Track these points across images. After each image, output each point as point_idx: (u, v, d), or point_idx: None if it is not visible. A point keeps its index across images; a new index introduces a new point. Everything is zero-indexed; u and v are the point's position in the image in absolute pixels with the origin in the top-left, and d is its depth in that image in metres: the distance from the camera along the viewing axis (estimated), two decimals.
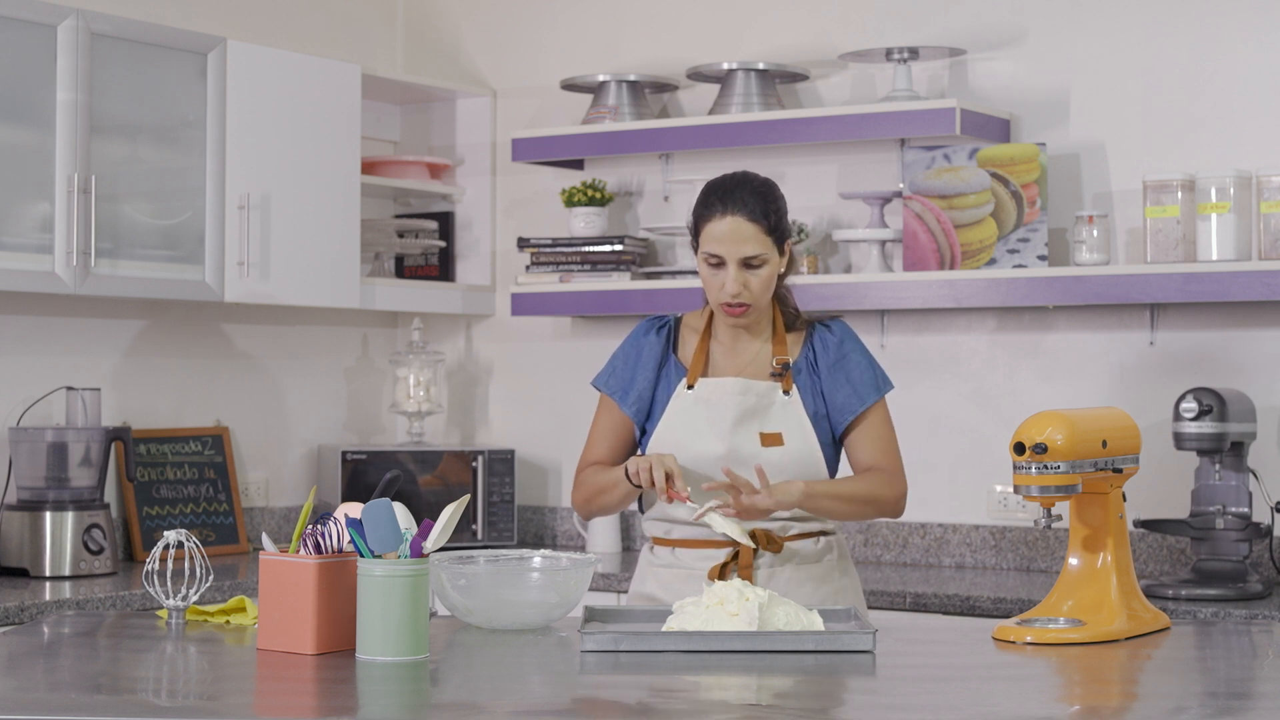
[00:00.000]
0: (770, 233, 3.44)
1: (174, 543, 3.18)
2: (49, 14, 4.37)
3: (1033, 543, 4.79)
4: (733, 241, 3.42)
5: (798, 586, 3.48)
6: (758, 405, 3.49)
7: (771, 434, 3.47)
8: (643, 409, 3.57)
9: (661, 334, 3.60)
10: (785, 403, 3.49)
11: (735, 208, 3.42)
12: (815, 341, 3.55)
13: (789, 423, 3.49)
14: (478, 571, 3.19)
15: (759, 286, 3.45)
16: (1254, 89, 4.57)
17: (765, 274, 3.45)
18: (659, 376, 3.57)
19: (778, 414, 3.49)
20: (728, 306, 3.46)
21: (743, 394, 3.49)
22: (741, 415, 3.48)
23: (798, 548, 3.50)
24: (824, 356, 3.53)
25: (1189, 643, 3.21)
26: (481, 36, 5.66)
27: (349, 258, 5.09)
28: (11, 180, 4.33)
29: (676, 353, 3.59)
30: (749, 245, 3.42)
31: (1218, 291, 4.37)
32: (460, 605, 3.17)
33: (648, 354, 3.59)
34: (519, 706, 2.64)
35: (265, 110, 4.86)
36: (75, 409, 4.65)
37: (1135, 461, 3.30)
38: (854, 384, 3.52)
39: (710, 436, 3.48)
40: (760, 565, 3.48)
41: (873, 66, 5.03)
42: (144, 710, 2.56)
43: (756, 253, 3.43)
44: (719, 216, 3.43)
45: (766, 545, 3.47)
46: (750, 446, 3.46)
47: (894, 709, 2.63)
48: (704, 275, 3.48)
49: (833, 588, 3.52)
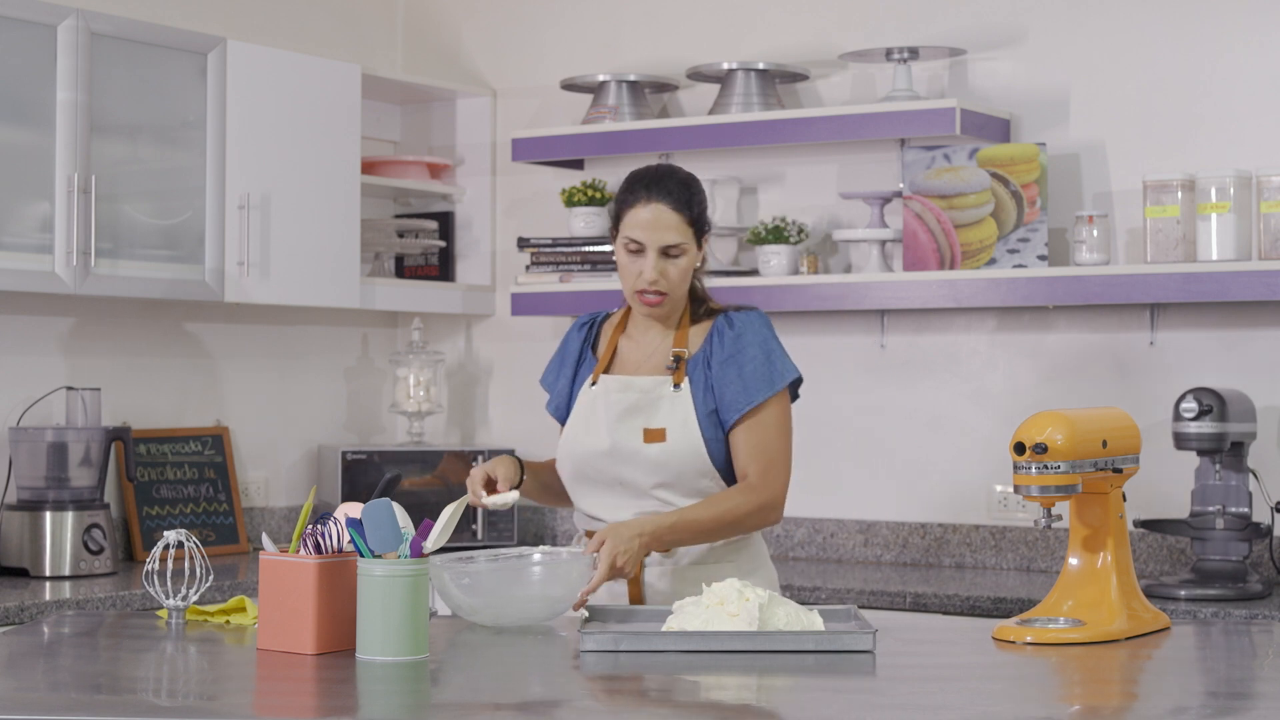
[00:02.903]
0: (691, 224, 3.47)
1: (174, 543, 3.18)
2: (49, 14, 4.37)
3: (1033, 543, 4.79)
4: (655, 229, 3.44)
5: (690, 587, 3.46)
6: (641, 401, 3.48)
7: (654, 430, 3.46)
8: (562, 405, 3.61)
9: (583, 331, 3.65)
10: (674, 397, 3.48)
11: (660, 196, 3.45)
12: (714, 334, 3.53)
13: (675, 418, 3.46)
14: (480, 570, 3.19)
15: (676, 276, 3.47)
16: (1254, 89, 4.57)
17: (683, 264, 3.47)
18: (576, 373, 3.61)
19: (665, 409, 3.47)
20: (643, 295, 3.47)
21: (624, 391, 3.49)
22: (625, 411, 3.48)
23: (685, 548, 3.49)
24: (719, 350, 3.50)
25: (1189, 643, 3.21)
26: (481, 36, 5.66)
27: (349, 258, 5.09)
28: (11, 180, 4.33)
29: (595, 349, 3.62)
30: (671, 233, 3.44)
31: (1218, 291, 4.37)
32: (465, 605, 3.17)
33: (570, 352, 3.64)
34: (519, 706, 2.64)
35: (265, 110, 4.86)
36: (75, 409, 4.65)
37: (1135, 461, 3.30)
38: (744, 379, 3.47)
39: (600, 432, 3.49)
40: (651, 562, 3.48)
41: (873, 66, 5.03)
42: (144, 710, 2.56)
43: (677, 241, 3.45)
44: (643, 203, 3.46)
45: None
46: (633, 442, 3.46)
47: (894, 709, 2.63)
48: (622, 263, 3.49)
49: None
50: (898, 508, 4.99)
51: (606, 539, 3.30)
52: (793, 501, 5.09)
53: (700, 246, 3.51)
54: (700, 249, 3.51)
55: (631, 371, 3.55)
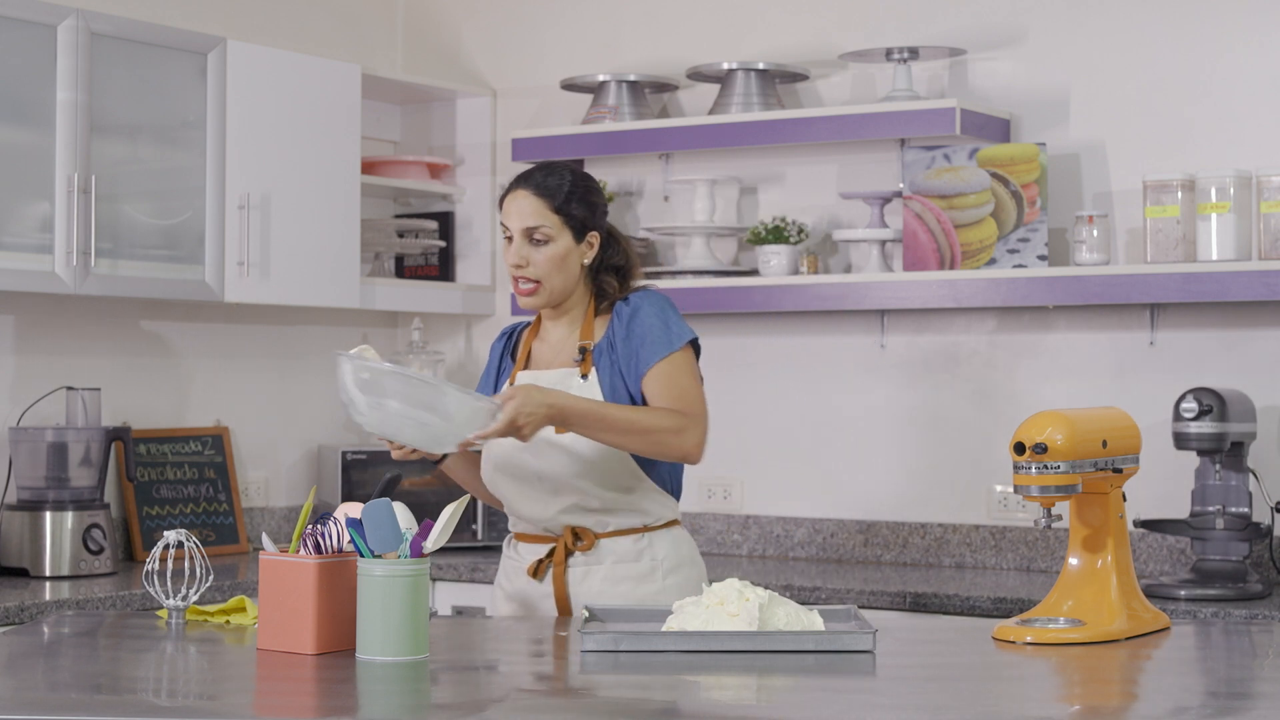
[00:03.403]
0: (556, 210, 3.51)
1: (174, 543, 3.18)
2: (49, 14, 4.37)
3: (1033, 543, 4.79)
4: (515, 215, 3.52)
5: (613, 586, 3.47)
6: None
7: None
8: None
9: (503, 340, 3.72)
10: (582, 387, 3.49)
11: (524, 184, 3.55)
12: (614, 318, 3.56)
13: None
14: (382, 370, 3.15)
15: (542, 263, 3.51)
16: (1254, 89, 4.57)
17: (549, 252, 3.50)
18: (497, 381, 3.67)
19: None
20: (516, 283, 3.54)
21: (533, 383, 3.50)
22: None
23: (614, 546, 3.50)
24: (618, 329, 3.54)
25: (1189, 643, 3.22)
26: (481, 36, 5.66)
27: (349, 258, 5.09)
28: (11, 180, 4.33)
29: (516, 352, 3.67)
30: (530, 217, 3.50)
31: (1218, 291, 4.37)
32: (356, 400, 3.16)
33: (493, 362, 3.72)
34: (519, 706, 2.64)
35: (265, 110, 4.86)
36: (75, 409, 4.65)
37: (1135, 461, 3.30)
38: (645, 346, 3.49)
39: None
40: (574, 563, 3.49)
41: (873, 66, 5.03)
42: (144, 710, 2.56)
43: (537, 224, 3.50)
44: (512, 191, 3.56)
45: (574, 543, 3.49)
46: (545, 433, 3.45)
47: (894, 709, 2.63)
48: (505, 255, 3.57)
49: (655, 588, 3.49)
50: (897, 508, 4.99)
51: (515, 396, 3.27)
52: (793, 501, 5.12)
53: (580, 240, 3.54)
54: (580, 242, 3.54)
55: (541, 368, 3.59)
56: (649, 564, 3.50)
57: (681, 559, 3.55)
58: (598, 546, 3.49)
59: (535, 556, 3.53)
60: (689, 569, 3.56)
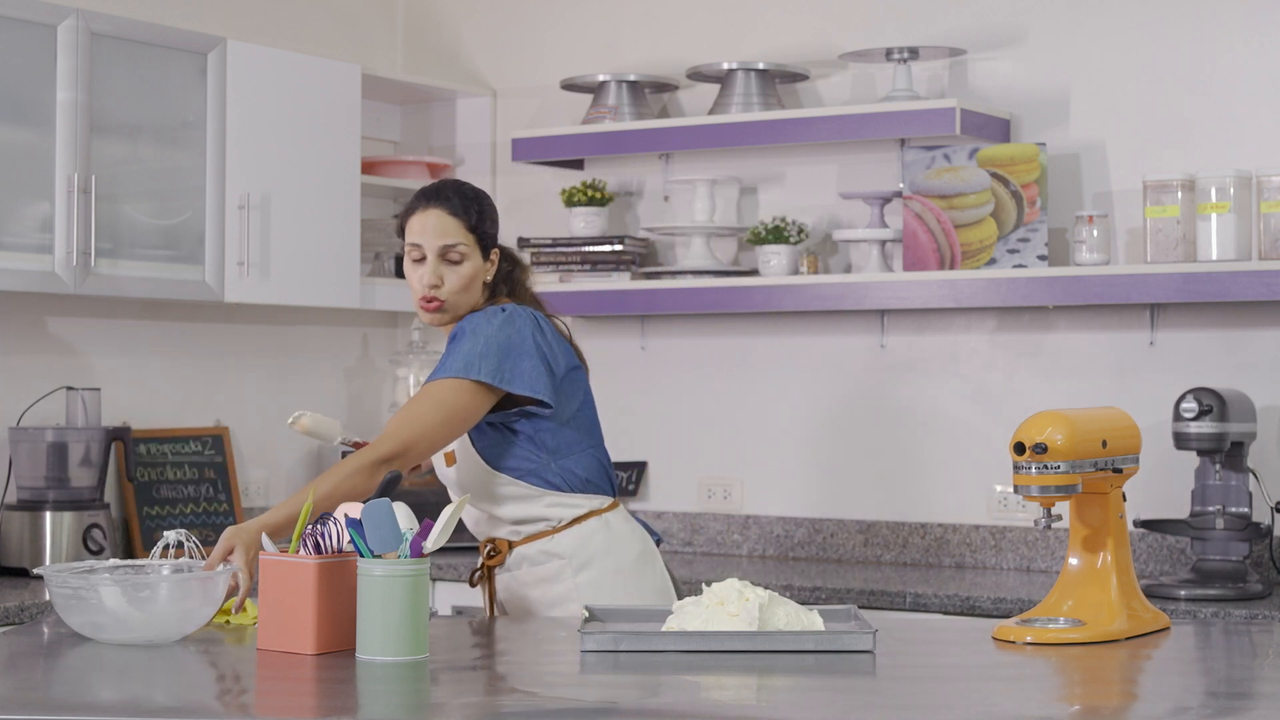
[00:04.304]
0: (471, 229, 3.48)
1: (174, 543, 3.18)
2: (49, 14, 4.37)
3: (1033, 543, 4.79)
4: (432, 233, 3.47)
5: (530, 590, 3.51)
6: None
7: (448, 452, 3.52)
8: None
9: None
10: None
11: (438, 202, 3.49)
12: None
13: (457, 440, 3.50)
14: (156, 583, 2.99)
15: (456, 283, 3.47)
16: (1254, 89, 4.57)
17: (464, 271, 3.47)
18: None
19: None
20: (424, 302, 3.49)
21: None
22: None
23: (525, 553, 3.53)
24: None
25: (1189, 643, 3.21)
26: (481, 36, 5.66)
27: (349, 258, 5.09)
28: (11, 180, 4.33)
29: None
30: (448, 236, 3.46)
31: (1218, 291, 4.37)
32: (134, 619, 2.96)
33: None
34: (519, 706, 2.64)
35: (265, 110, 4.86)
36: (75, 409, 4.65)
37: (1135, 461, 3.30)
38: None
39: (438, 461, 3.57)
40: (498, 572, 3.56)
41: (873, 66, 5.03)
42: (144, 710, 2.56)
43: (455, 242, 3.46)
44: (422, 210, 3.50)
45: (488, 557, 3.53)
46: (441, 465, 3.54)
47: (894, 709, 2.63)
48: (408, 275, 3.51)
49: (566, 587, 3.49)
50: (898, 508, 4.99)
51: (235, 546, 3.13)
52: (793, 501, 5.12)
53: (487, 259, 3.51)
54: (488, 261, 3.51)
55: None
56: (557, 565, 3.50)
57: (592, 554, 3.51)
58: (512, 554, 3.53)
59: (472, 567, 3.61)
60: (604, 560, 3.51)
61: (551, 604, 3.49)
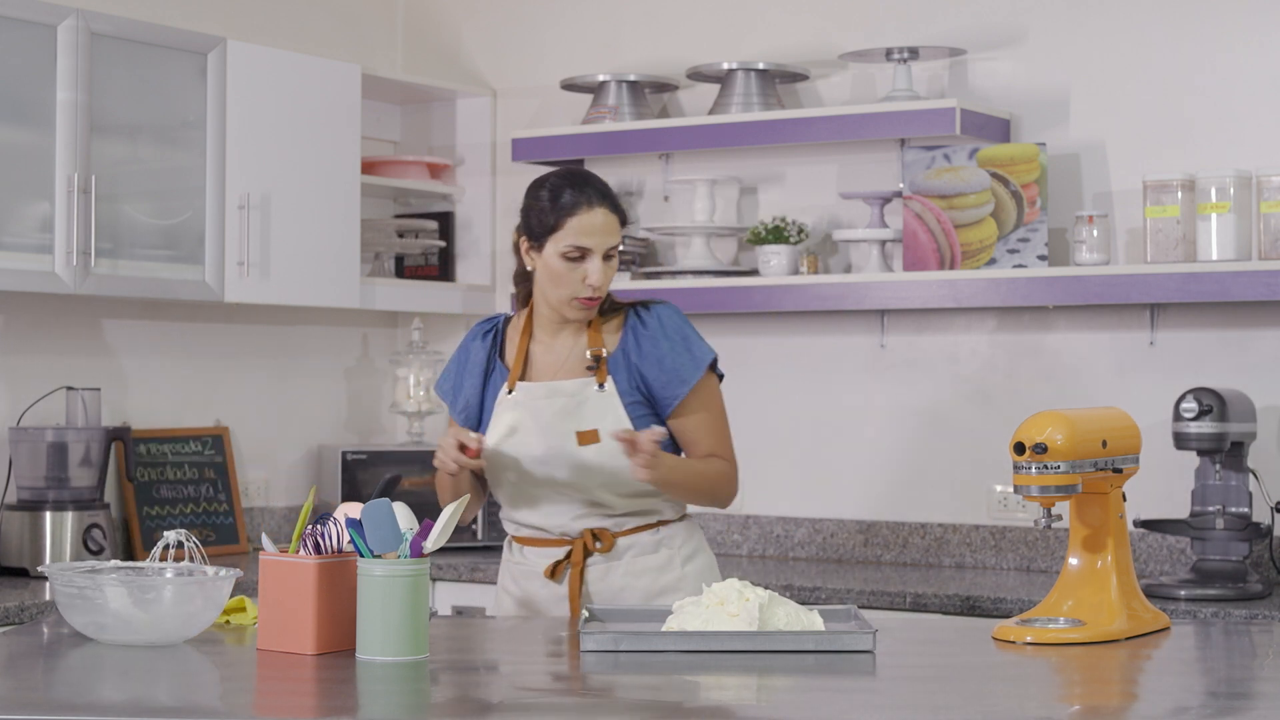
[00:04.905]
0: (623, 224, 3.52)
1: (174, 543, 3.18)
2: (49, 14, 4.37)
3: (1033, 543, 4.79)
4: (604, 233, 3.46)
5: (634, 580, 3.48)
6: (569, 404, 3.48)
7: (587, 432, 3.47)
8: (471, 415, 3.58)
9: (488, 339, 3.61)
10: (600, 397, 3.48)
11: (600, 200, 3.48)
12: (629, 330, 3.54)
13: (605, 419, 3.47)
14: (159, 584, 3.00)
15: (611, 278, 3.51)
16: (1254, 89, 4.57)
17: (615, 265, 3.51)
18: (486, 383, 3.58)
19: (594, 410, 3.48)
20: (585, 300, 3.48)
21: (550, 397, 3.49)
22: (554, 417, 3.48)
23: (632, 542, 3.50)
24: (636, 345, 3.52)
25: (1189, 643, 3.22)
26: (481, 36, 5.66)
27: (349, 258, 5.09)
28: (11, 180, 4.33)
29: (503, 357, 3.59)
30: (614, 236, 3.48)
31: (1218, 291, 4.37)
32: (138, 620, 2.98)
33: (474, 360, 3.61)
34: (519, 706, 2.64)
35: (265, 110, 4.86)
36: (75, 409, 4.65)
37: (1135, 461, 3.30)
38: (667, 371, 3.49)
39: (531, 440, 3.48)
40: (593, 563, 3.49)
41: (873, 66, 5.03)
42: (144, 710, 2.56)
43: (617, 243, 3.49)
44: (586, 209, 3.46)
45: (593, 544, 3.49)
46: (567, 446, 3.46)
47: (894, 709, 2.63)
48: (557, 271, 3.46)
49: (674, 577, 3.51)
50: (897, 508, 4.99)
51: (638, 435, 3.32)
52: (793, 501, 5.12)
53: None
54: None
55: (550, 375, 3.53)
56: (666, 555, 3.52)
57: (696, 547, 3.59)
58: (615, 545, 3.50)
59: (546, 559, 3.52)
60: (703, 556, 3.60)
61: (659, 593, 3.48)
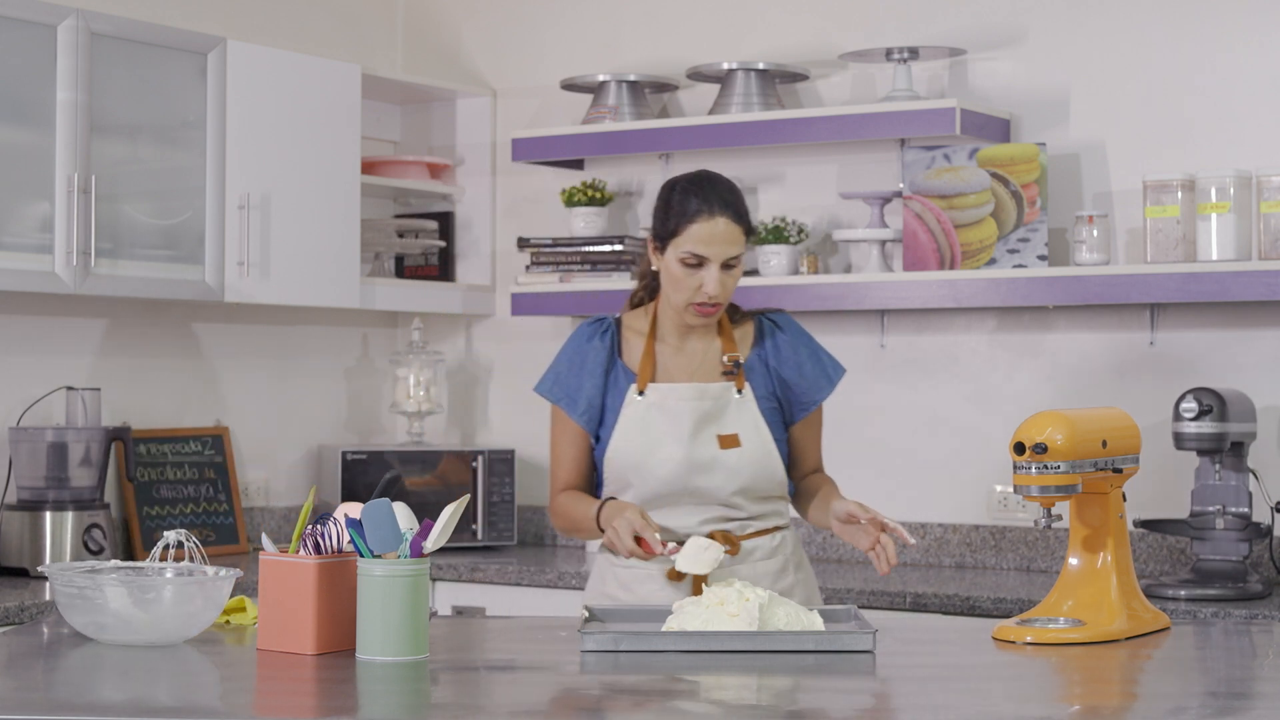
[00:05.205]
0: (747, 234, 3.48)
1: (174, 543, 3.18)
2: (49, 14, 4.37)
3: (1033, 543, 4.79)
4: (722, 243, 3.41)
5: (760, 581, 3.46)
6: (713, 408, 3.48)
7: (728, 435, 3.47)
8: (593, 417, 3.54)
9: (605, 338, 3.56)
10: (739, 403, 3.49)
11: (723, 209, 3.42)
12: (765, 338, 3.55)
13: (744, 423, 3.48)
14: (159, 584, 2.99)
15: (732, 286, 3.46)
16: (1254, 89, 4.57)
17: (737, 274, 3.46)
18: (607, 383, 3.54)
19: (733, 415, 3.49)
20: (700, 307, 3.44)
21: (698, 399, 3.48)
22: (699, 420, 3.47)
23: (754, 545, 3.51)
24: (774, 353, 3.53)
25: (1189, 643, 3.21)
26: (481, 36, 5.66)
27: (349, 258, 5.09)
28: (11, 180, 4.33)
29: (621, 356, 3.55)
30: (734, 246, 3.43)
31: (1218, 291, 4.37)
32: (138, 620, 2.97)
33: (593, 360, 3.54)
34: (519, 706, 2.64)
35: (265, 110, 4.86)
36: (75, 409, 4.65)
37: (1135, 461, 3.30)
38: (807, 378, 3.54)
39: (669, 443, 3.46)
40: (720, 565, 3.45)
41: (873, 66, 5.03)
42: (144, 710, 2.56)
43: (739, 253, 3.45)
44: (706, 217, 3.41)
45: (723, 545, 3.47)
46: (709, 450, 3.46)
47: (894, 709, 2.63)
48: (675, 275, 3.43)
49: (788, 582, 3.53)
50: (898, 508, 4.98)
51: (852, 505, 3.42)
52: None
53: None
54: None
55: (685, 378, 3.51)
56: (781, 560, 3.54)
57: (801, 555, 3.63)
58: (740, 548, 3.50)
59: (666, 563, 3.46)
60: (807, 564, 3.65)
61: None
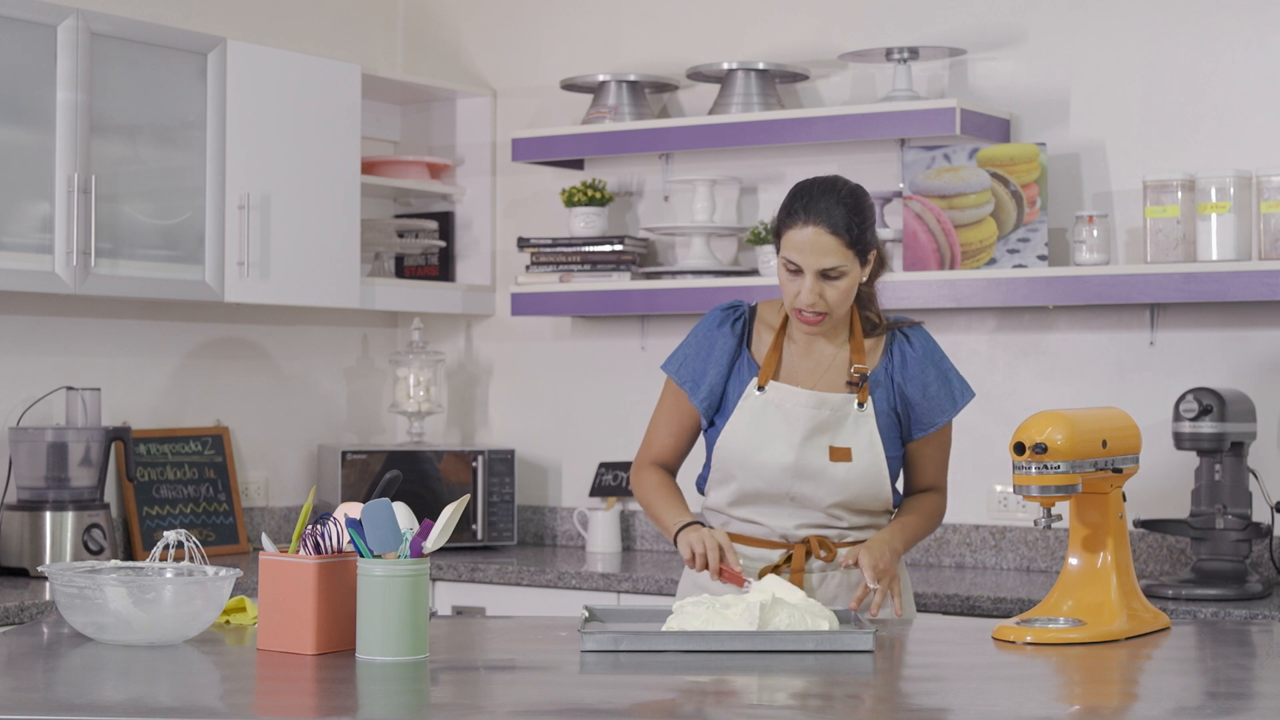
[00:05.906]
0: (851, 245, 3.37)
1: (174, 543, 3.18)
2: (49, 14, 4.37)
3: (1033, 543, 4.79)
4: (812, 253, 3.35)
5: (849, 591, 3.48)
6: (831, 418, 3.45)
7: (841, 449, 3.44)
8: (713, 404, 3.53)
9: (736, 327, 3.52)
10: (858, 416, 3.45)
11: (818, 218, 3.35)
12: (895, 352, 3.50)
13: (859, 438, 3.45)
14: (158, 584, 3.00)
15: (836, 298, 3.39)
16: (1254, 89, 4.57)
17: (844, 285, 3.39)
18: (731, 371, 3.51)
19: (850, 428, 3.45)
20: (801, 314, 3.41)
21: (817, 408, 3.44)
22: (814, 428, 3.44)
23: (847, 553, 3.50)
24: (901, 370, 3.49)
25: (1189, 643, 3.22)
26: (481, 36, 5.66)
27: (349, 258, 5.09)
28: (11, 180, 4.33)
29: (750, 347, 3.53)
30: (828, 258, 3.36)
31: (1218, 291, 4.37)
32: (138, 620, 2.97)
33: (721, 347, 3.52)
34: (519, 706, 2.64)
35: (265, 110, 4.86)
36: (75, 409, 4.65)
37: (1135, 461, 3.30)
38: (929, 401, 3.49)
39: (779, 444, 3.44)
40: (812, 570, 3.48)
41: (873, 66, 5.03)
42: (144, 710, 2.56)
43: (835, 265, 3.36)
44: (800, 225, 3.36)
45: (818, 552, 3.47)
46: (819, 460, 3.44)
47: (894, 709, 2.63)
48: (781, 278, 3.42)
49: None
50: None
51: (860, 553, 3.37)
52: None
53: (865, 263, 3.42)
54: (865, 265, 3.42)
55: (807, 383, 3.48)
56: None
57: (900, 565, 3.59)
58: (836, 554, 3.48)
59: (761, 561, 3.48)
60: (903, 572, 3.62)
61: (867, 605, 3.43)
